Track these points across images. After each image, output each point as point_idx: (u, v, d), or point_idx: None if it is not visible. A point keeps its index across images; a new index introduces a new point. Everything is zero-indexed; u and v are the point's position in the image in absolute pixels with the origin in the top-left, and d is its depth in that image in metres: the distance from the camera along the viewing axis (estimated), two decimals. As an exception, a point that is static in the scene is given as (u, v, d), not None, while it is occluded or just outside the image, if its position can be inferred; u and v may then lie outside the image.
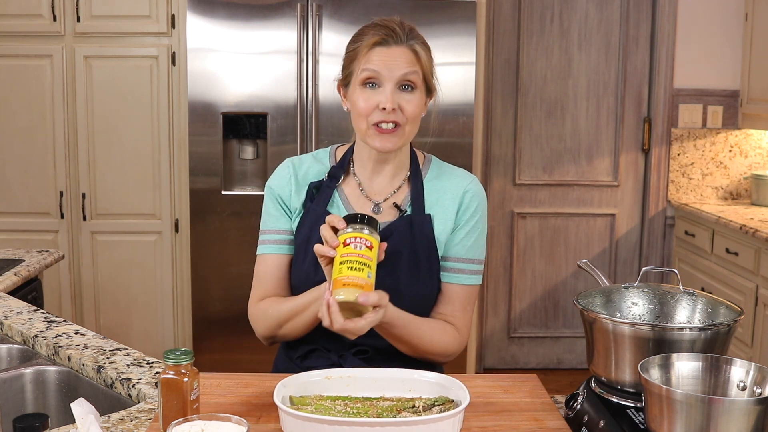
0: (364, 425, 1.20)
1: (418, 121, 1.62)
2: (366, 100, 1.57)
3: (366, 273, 1.38)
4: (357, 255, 1.39)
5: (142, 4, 3.53)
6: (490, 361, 4.43)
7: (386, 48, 1.57)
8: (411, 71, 1.57)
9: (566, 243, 4.36)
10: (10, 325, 1.92)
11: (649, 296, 1.40)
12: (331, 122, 3.38)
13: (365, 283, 1.38)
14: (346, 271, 1.38)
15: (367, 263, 1.39)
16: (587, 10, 4.22)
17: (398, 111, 1.56)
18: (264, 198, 1.70)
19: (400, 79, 1.56)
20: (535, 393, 1.49)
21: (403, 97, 1.57)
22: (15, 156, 3.64)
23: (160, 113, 3.60)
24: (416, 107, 1.58)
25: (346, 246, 1.40)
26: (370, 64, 1.56)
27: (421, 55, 1.59)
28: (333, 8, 3.33)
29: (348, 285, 1.37)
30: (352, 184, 1.67)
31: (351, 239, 1.40)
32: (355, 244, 1.40)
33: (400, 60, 1.56)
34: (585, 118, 4.28)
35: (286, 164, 1.70)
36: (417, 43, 1.60)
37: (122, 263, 3.69)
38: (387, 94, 1.55)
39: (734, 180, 4.23)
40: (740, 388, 1.18)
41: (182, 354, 1.24)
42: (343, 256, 1.39)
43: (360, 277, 1.37)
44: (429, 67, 1.62)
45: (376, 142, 1.58)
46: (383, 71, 1.56)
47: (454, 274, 1.65)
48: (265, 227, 1.69)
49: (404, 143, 1.61)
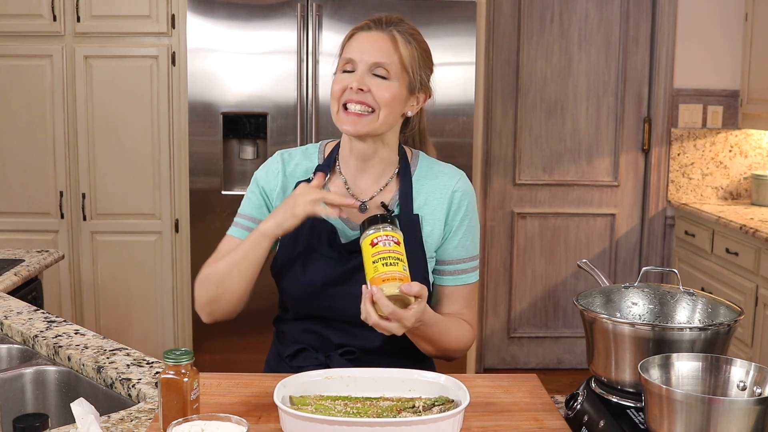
0: (364, 425, 1.20)
1: (396, 111, 1.58)
2: (339, 82, 1.57)
3: (401, 266, 1.40)
4: (388, 251, 1.40)
5: (142, 4, 3.53)
6: (490, 361, 4.43)
7: (366, 33, 1.57)
8: (384, 59, 1.54)
9: (566, 243, 4.36)
10: (10, 325, 1.92)
11: (649, 296, 1.39)
12: (331, 122, 3.34)
13: (403, 275, 1.39)
14: (382, 268, 1.38)
15: (400, 257, 1.40)
16: (587, 10, 4.22)
17: (369, 94, 1.54)
18: (249, 185, 1.69)
19: (372, 65, 1.54)
20: (535, 393, 1.49)
21: (374, 82, 1.55)
22: (15, 156, 3.64)
23: (160, 113, 3.60)
24: (388, 93, 1.54)
25: (374, 246, 1.41)
26: (348, 50, 1.58)
27: (399, 43, 1.56)
28: (333, 8, 3.33)
29: (387, 280, 1.37)
30: (338, 183, 1.65)
31: (377, 239, 1.41)
32: (383, 242, 1.41)
33: (376, 45, 1.55)
34: (585, 118, 4.28)
35: (276, 159, 1.68)
36: (399, 31, 1.57)
37: (122, 263, 3.69)
38: (356, 76, 1.54)
39: (734, 180, 4.23)
40: (740, 388, 1.18)
41: (182, 354, 1.24)
42: (374, 256, 1.40)
43: (397, 270, 1.38)
44: (411, 58, 1.57)
45: (345, 125, 1.57)
46: (356, 56, 1.55)
47: (457, 276, 1.64)
48: (243, 211, 1.67)
49: (377, 129, 1.57)
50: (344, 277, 1.57)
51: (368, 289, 1.39)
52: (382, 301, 1.37)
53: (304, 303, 1.60)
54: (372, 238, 1.42)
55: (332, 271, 1.57)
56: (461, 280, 1.64)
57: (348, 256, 1.58)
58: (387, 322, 1.39)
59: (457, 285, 1.64)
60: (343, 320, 1.59)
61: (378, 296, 1.37)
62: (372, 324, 1.40)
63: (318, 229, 1.59)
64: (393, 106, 1.57)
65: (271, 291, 1.68)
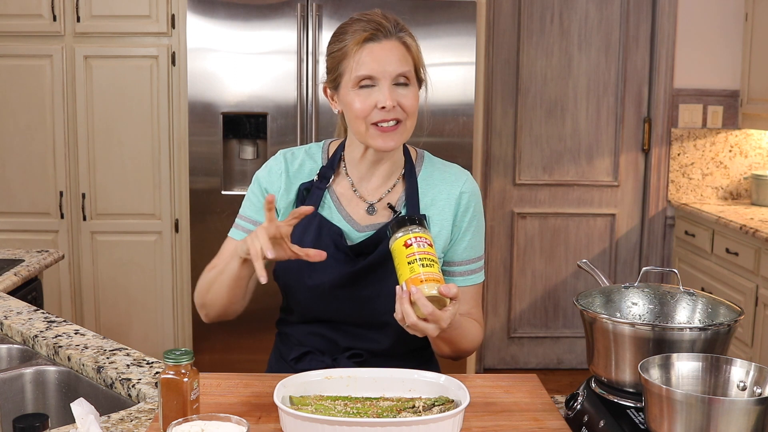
0: (364, 425, 1.20)
1: (417, 115, 1.58)
2: (363, 102, 1.51)
3: (437, 268, 1.39)
4: (424, 253, 1.39)
5: (142, 4, 3.53)
6: (490, 361, 4.43)
7: (377, 44, 1.52)
8: (405, 68, 1.52)
9: (566, 243, 4.36)
10: (10, 325, 1.92)
11: (649, 296, 1.40)
12: (331, 122, 3.38)
13: (439, 277, 1.38)
14: (419, 269, 1.37)
15: (434, 260, 1.40)
16: (587, 10, 4.22)
17: (397, 108, 1.51)
18: (250, 185, 1.66)
19: (395, 77, 1.51)
20: (535, 393, 1.49)
21: (400, 93, 1.52)
22: (15, 156, 3.64)
23: (160, 113, 3.60)
24: (414, 101, 1.54)
25: (408, 247, 1.40)
26: (363, 64, 1.50)
27: (411, 47, 1.55)
28: (333, 8, 3.33)
29: (426, 281, 1.36)
30: (345, 184, 1.63)
31: (411, 240, 1.40)
32: (417, 243, 1.40)
33: (392, 56, 1.51)
34: (585, 118, 4.28)
35: (279, 158, 1.66)
36: (406, 35, 1.55)
37: (122, 263, 3.69)
38: (385, 93, 1.50)
39: (734, 180, 4.23)
40: (740, 388, 1.18)
41: (182, 354, 1.24)
42: (409, 256, 1.39)
43: (434, 272, 1.38)
44: (419, 58, 1.57)
45: (378, 141, 1.52)
46: (377, 70, 1.50)
47: (466, 277, 1.64)
48: (243, 213, 1.66)
49: (405, 140, 1.57)
50: (352, 279, 1.56)
51: (404, 290, 1.37)
52: (422, 302, 1.35)
53: (312, 306, 1.59)
54: (406, 239, 1.40)
55: (340, 273, 1.56)
56: (470, 280, 1.64)
57: (355, 259, 1.57)
58: (425, 323, 1.37)
59: (467, 286, 1.63)
60: (350, 323, 1.59)
61: (417, 296, 1.34)
62: (409, 324, 1.37)
63: (324, 232, 1.58)
64: (416, 110, 1.56)
65: (271, 292, 1.67)
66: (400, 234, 1.41)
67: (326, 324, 1.60)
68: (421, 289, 1.35)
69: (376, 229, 1.59)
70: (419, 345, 1.64)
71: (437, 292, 1.36)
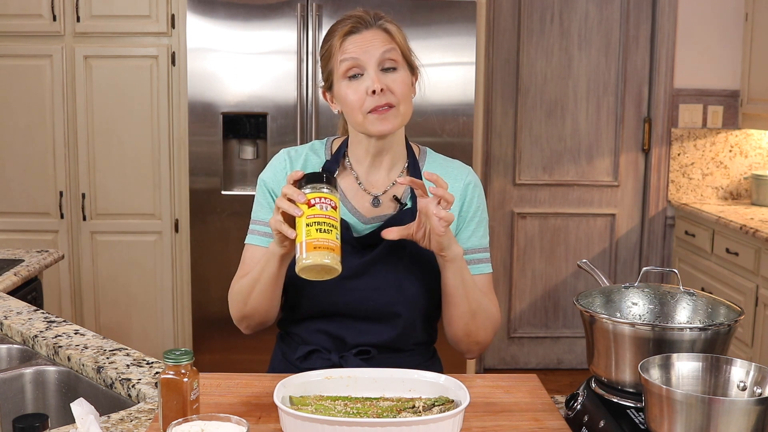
0: (364, 425, 1.20)
1: (411, 101, 1.59)
2: (354, 92, 1.54)
3: (334, 234, 1.35)
4: (324, 216, 1.35)
5: (142, 4, 3.53)
6: (490, 361, 4.43)
7: (358, 35, 1.55)
8: (389, 49, 1.55)
9: (566, 243, 4.36)
10: (10, 325, 1.92)
11: (649, 296, 1.39)
12: (331, 122, 3.38)
13: (335, 245, 1.35)
14: (315, 233, 1.33)
15: (335, 225, 1.36)
16: (587, 10, 4.22)
17: (387, 92, 1.54)
18: (256, 188, 1.67)
19: (381, 60, 1.54)
20: (535, 393, 1.49)
21: (389, 77, 1.54)
22: (15, 156, 3.64)
23: (159, 113, 3.60)
24: (404, 84, 1.56)
25: (312, 207, 1.35)
26: (347, 53, 1.54)
27: (393, 32, 1.57)
28: (333, 8, 3.33)
29: (319, 248, 1.33)
30: (349, 178, 1.65)
31: (315, 200, 1.36)
32: (320, 205, 1.35)
33: (375, 41, 1.54)
34: (585, 118, 4.28)
35: (282, 157, 1.67)
36: (386, 22, 1.58)
37: (122, 263, 3.69)
38: (372, 77, 1.53)
39: (734, 180, 4.23)
40: (740, 388, 1.18)
41: (182, 354, 1.24)
42: (309, 218, 1.35)
43: (329, 239, 1.34)
44: (405, 44, 1.60)
45: (376, 125, 1.54)
46: (361, 56, 1.53)
47: (474, 266, 1.65)
48: (256, 217, 1.66)
49: (401, 123, 1.58)
50: (360, 270, 1.58)
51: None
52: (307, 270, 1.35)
53: (320, 299, 1.59)
54: (312, 197, 1.36)
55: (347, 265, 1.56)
56: (479, 269, 1.66)
57: (362, 250, 1.59)
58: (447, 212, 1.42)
59: (476, 275, 1.64)
60: (357, 316, 1.59)
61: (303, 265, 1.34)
62: (434, 212, 1.42)
63: None
64: (409, 97, 1.59)
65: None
66: (308, 190, 1.37)
67: (331, 320, 1.61)
68: (307, 257, 1.32)
69: (381, 221, 1.61)
70: (424, 339, 1.66)
71: (322, 262, 1.32)
